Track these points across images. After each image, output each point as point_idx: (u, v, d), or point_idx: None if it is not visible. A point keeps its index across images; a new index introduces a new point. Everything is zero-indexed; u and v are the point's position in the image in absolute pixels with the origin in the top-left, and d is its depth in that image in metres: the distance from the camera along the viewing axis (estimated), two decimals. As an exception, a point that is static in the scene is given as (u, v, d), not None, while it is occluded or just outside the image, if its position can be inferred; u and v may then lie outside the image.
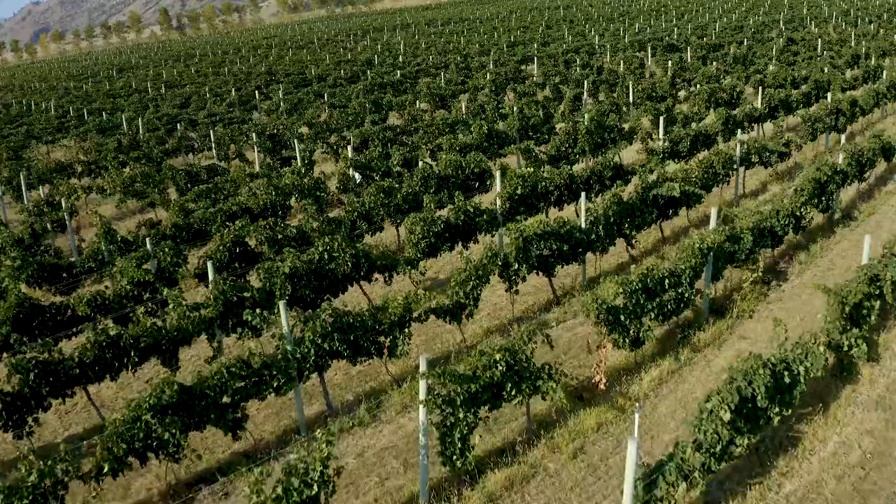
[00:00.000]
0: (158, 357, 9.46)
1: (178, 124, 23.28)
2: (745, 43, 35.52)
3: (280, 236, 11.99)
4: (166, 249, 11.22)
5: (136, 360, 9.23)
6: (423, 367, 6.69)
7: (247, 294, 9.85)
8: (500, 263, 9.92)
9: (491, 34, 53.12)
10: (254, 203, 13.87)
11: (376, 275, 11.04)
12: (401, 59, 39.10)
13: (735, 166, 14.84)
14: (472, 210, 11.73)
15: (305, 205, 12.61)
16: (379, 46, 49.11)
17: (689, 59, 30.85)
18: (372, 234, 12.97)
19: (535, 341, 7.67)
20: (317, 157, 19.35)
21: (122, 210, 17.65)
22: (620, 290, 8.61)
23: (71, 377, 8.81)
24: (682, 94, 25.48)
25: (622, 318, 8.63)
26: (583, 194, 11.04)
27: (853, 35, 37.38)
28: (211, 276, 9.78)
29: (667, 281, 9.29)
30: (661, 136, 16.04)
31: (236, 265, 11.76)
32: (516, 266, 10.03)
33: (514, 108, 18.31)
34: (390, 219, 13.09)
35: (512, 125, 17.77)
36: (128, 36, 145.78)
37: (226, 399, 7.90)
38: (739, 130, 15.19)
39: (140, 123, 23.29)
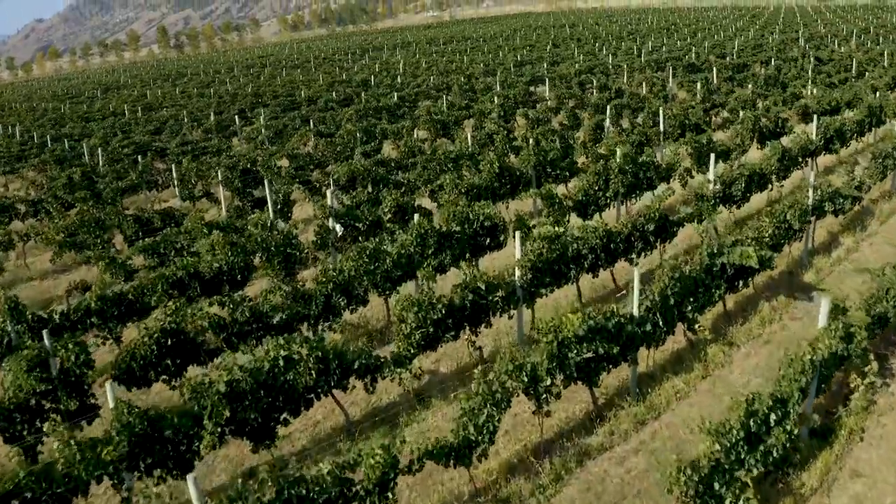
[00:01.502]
0: (42, 515, 6.57)
1: (140, 155, 20.33)
2: (773, 63, 32.73)
3: (229, 320, 9.06)
4: (70, 345, 8.28)
5: (4, 526, 6.35)
6: None
7: (165, 423, 6.92)
8: (525, 378, 6.97)
9: (496, 53, 50.45)
10: (206, 266, 10.94)
11: (355, 379, 8.09)
12: (399, 79, 36.31)
13: (808, 217, 11.95)
14: (483, 287, 8.80)
15: (268, 272, 9.68)
16: (377, 66, 46.39)
17: (714, 81, 28.04)
18: (352, 312, 10.04)
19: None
20: (297, 196, 16.46)
21: (57, 264, 14.71)
22: (716, 444, 5.65)
23: None
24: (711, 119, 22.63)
25: (716, 485, 5.66)
26: (636, 272, 8.10)
27: (885, 55, 34.63)
28: (111, 403, 6.84)
29: (773, 415, 6.32)
30: (710, 177, 13.14)
31: (169, 362, 8.81)
32: (549, 381, 7.08)
33: (530, 141, 15.43)
34: (377, 290, 10.16)
35: (527, 161, 14.89)
36: (125, 54, 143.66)
37: None
38: (813, 174, 12.30)
39: (100, 154, 20.43)
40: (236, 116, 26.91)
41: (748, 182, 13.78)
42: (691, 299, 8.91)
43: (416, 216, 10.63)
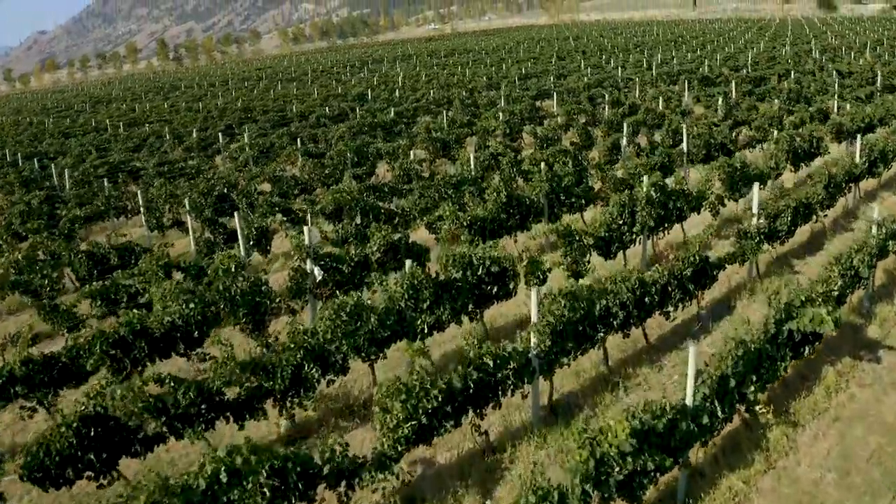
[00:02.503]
0: None
1: (107, 178, 18.46)
2: (793, 76, 30.97)
3: (170, 401, 7.19)
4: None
5: None
6: None
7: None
8: (551, 510, 5.09)
9: (499, 66, 48.77)
10: (155, 321, 9.08)
11: (324, 489, 6.21)
12: (397, 93, 34.53)
13: (874, 261, 10.08)
14: (491, 364, 6.93)
15: (218, 340, 7.79)
16: (375, 79, 44.65)
17: (733, 95, 26.27)
18: (329, 384, 8.16)
19: None
20: (278, 226, 14.60)
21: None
22: None
23: None
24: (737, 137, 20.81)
25: None
26: (691, 349, 6.21)
27: (909, 67, 32.88)
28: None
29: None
30: (754, 209, 11.30)
31: (93, 457, 6.93)
32: (582, 512, 5.19)
33: (541, 165, 13.61)
34: (359, 355, 8.29)
35: (539, 188, 13.06)
36: (124, 67, 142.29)
37: None
38: (877, 207, 10.45)
39: (67, 176, 18.62)
40: (220, 133, 25.08)
41: (794, 214, 11.96)
42: (753, 377, 7.04)
43: (407, 263, 8.76)
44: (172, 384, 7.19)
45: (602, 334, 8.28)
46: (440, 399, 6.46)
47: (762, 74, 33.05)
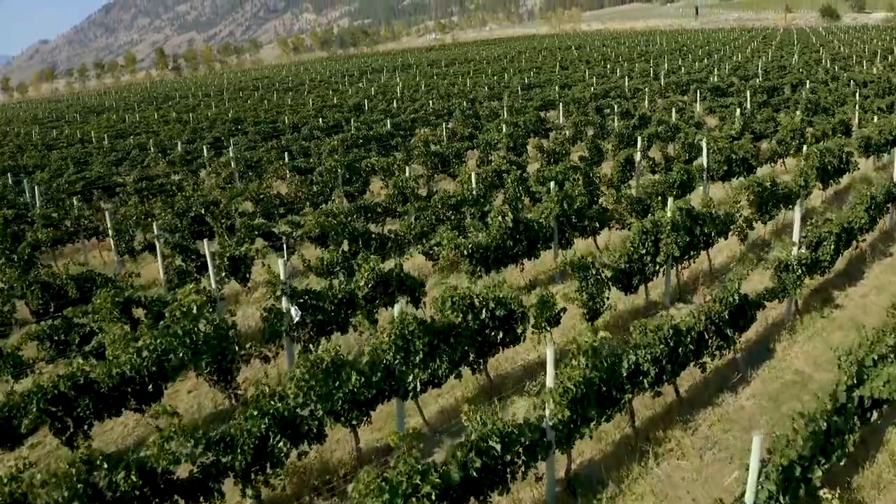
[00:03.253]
0: None
1: (77, 196, 17.08)
2: (808, 86, 29.70)
3: (105, 485, 5.83)
4: None
5: None
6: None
7: None
8: None
9: (501, 75, 47.55)
10: (102, 373, 7.73)
11: None
12: (395, 104, 33.23)
13: (938, 298, 8.73)
14: (498, 448, 5.57)
15: (162, 408, 6.42)
16: (373, 89, 43.40)
17: (748, 106, 24.98)
18: (301, 456, 6.80)
19: None
20: (254, 253, 13.24)
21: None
22: None
23: None
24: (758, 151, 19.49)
25: None
26: (756, 439, 4.85)
27: (928, 76, 31.62)
28: None
29: None
30: (795, 237, 9.95)
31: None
32: None
33: (550, 184, 12.26)
34: (338, 420, 6.93)
35: (548, 210, 11.73)
36: (122, 76, 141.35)
37: None
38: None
39: (37, 192, 17.29)
40: (206, 146, 23.72)
41: (837, 241, 10.62)
42: (821, 458, 5.68)
43: (396, 307, 7.41)
44: (108, 464, 5.83)
45: (628, 395, 6.92)
46: (434, 497, 5.09)
47: (774, 84, 31.79)
